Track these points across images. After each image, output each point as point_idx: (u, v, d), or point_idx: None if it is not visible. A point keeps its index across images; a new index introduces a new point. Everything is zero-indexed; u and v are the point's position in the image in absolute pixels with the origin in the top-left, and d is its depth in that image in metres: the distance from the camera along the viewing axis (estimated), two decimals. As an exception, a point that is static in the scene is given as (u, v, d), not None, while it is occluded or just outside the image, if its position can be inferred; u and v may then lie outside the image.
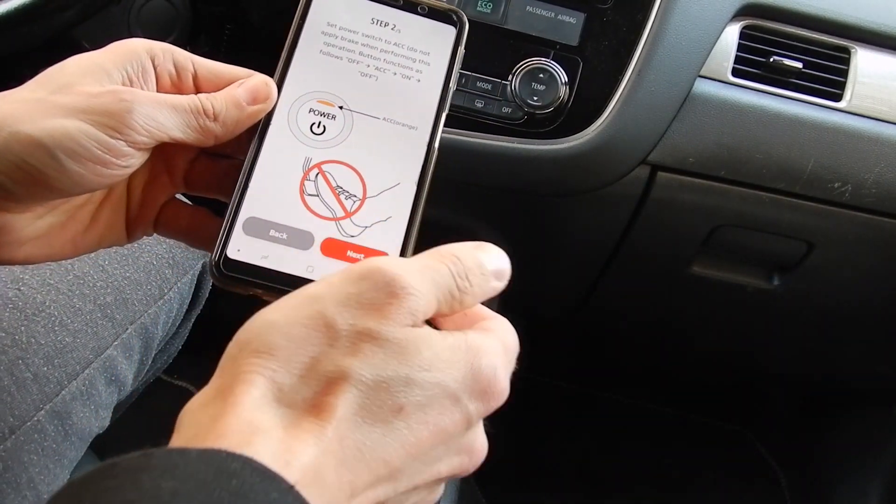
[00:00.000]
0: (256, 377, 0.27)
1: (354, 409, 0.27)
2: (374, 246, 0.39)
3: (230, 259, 0.37)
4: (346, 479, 0.27)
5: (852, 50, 0.77)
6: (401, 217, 0.40)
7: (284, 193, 0.39)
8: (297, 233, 0.38)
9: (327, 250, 0.38)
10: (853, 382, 1.21)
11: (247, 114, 0.38)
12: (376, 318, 0.28)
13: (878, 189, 0.78)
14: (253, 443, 0.26)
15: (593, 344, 1.33)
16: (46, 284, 0.53)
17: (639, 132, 0.74)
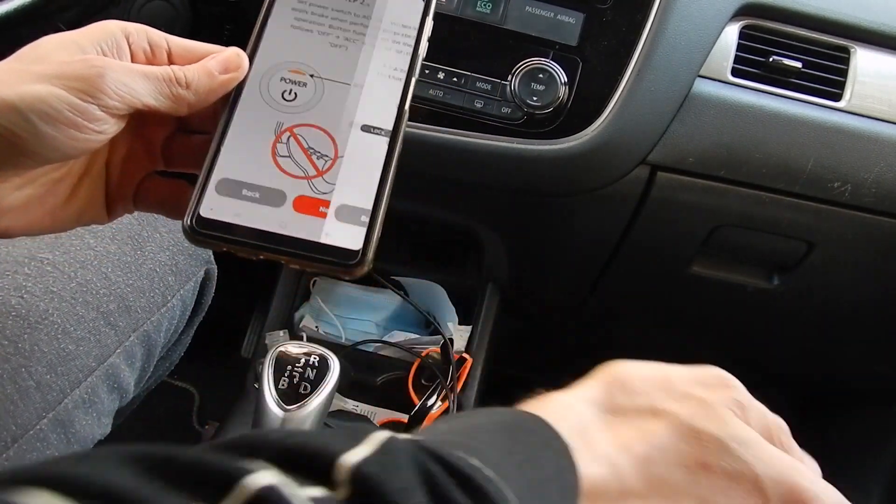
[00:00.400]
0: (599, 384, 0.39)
1: (669, 440, 0.32)
2: (347, 201, 0.40)
3: (203, 217, 0.38)
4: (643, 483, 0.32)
5: (852, 49, 0.77)
6: (374, 174, 0.42)
7: (256, 155, 0.40)
8: (269, 191, 0.39)
9: (299, 207, 0.39)
10: (853, 382, 1.21)
11: (218, 82, 0.40)
12: (708, 391, 0.34)
13: (877, 189, 0.78)
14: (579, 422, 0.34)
15: (594, 344, 1.33)
16: (49, 292, 0.53)
17: (638, 132, 0.74)
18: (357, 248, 0.39)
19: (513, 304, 0.99)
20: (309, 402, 0.54)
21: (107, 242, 0.58)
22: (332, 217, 0.39)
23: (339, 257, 0.39)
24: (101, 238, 0.58)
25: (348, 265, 0.39)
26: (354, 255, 0.39)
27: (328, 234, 0.39)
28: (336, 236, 0.39)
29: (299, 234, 0.39)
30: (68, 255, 0.55)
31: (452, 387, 0.82)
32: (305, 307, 0.97)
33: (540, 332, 1.27)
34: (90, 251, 0.57)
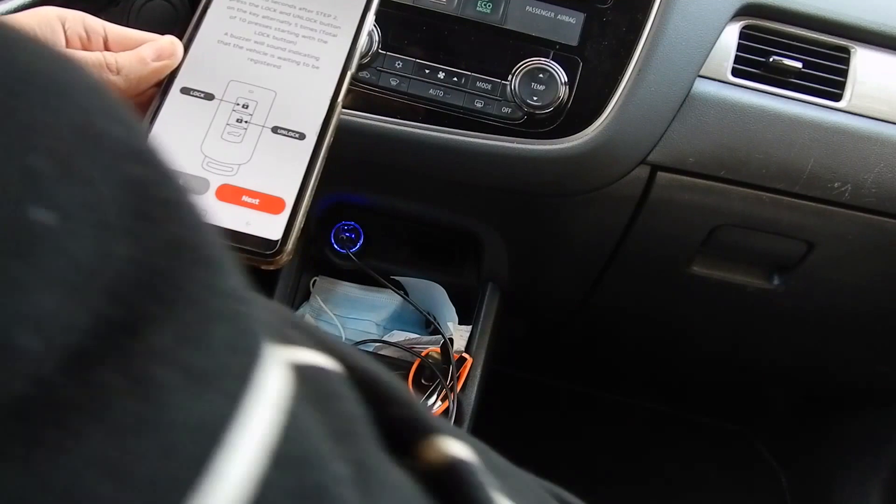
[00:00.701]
0: None
1: None
2: (269, 192, 0.40)
3: None
4: None
5: (852, 50, 0.77)
6: (299, 166, 0.41)
7: (184, 143, 0.40)
8: (193, 179, 0.40)
9: (222, 195, 0.40)
10: (853, 382, 1.21)
11: (150, 69, 0.40)
12: None
13: (877, 189, 0.78)
14: None
15: (593, 344, 1.33)
16: None
17: (638, 132, 0.74)
18: (276, 238, 0.39)
19: (513, 303, 0.99)
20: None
21: None
22: (255, 207, 0.40)
23: (259, 247, 0.39)
24: None
25: (267, 255, 0.39)
26: (273, 245, 0.39)
27: (249, 224, 0.40)
28: (257, 226, 0.40)
29: (220, 222, 0.39)
30: None
31: (452, 386, 0.82)
32: (305, 307, 0.96)
33: (540, 331, 1.27)
34: None
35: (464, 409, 0.83)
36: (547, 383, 1.42)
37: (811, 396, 1.36)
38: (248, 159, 0.41)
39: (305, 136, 0.42)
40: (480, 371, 0.87)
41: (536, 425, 1.36)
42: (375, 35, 0.73)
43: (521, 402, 1.38)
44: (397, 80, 0.74)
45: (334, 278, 0.99)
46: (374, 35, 0.73)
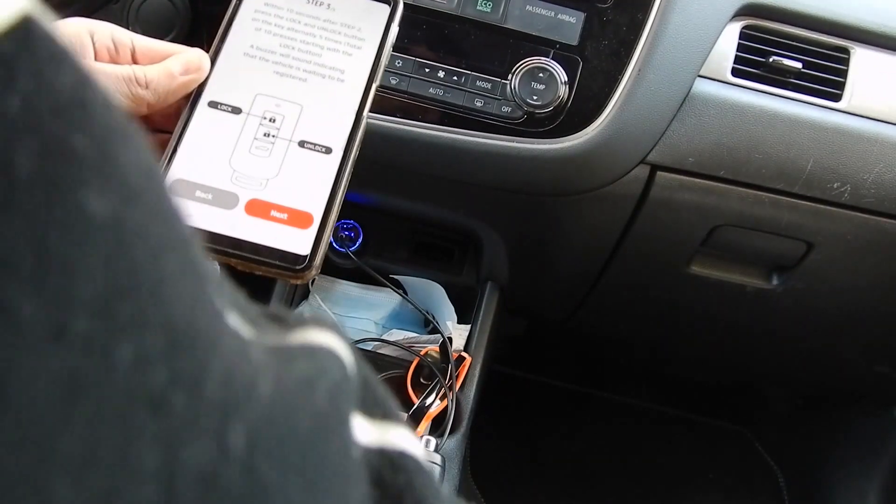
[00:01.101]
0: None
1: None
2: (298, 207, 0.40)
3: None
4: None
5: (851, 50, 0.77)
6: (326, 180, 0.41)
7: (211, 157, 0.40)
8: (223, 193, 0.40)
9: (251, 210, 0.40)
10: (851, 382, 1.21)
11: (178, 83, 0.40)
12: None
13: (877, 189, 0.78)
14: None
15: (593, 343, 1.33)
16: None
17: (638, 132, 0.74)
18: (305, 254, 0.39)
19: (512, 302, 0.99)
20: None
21: None
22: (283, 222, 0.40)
23: (287, 261, 0.39)
24: None
25: (296, 269, 0.39)
26: (303, 260, 0.39)
27: (278, 239, 0.40)
28: (285, 241, 0.40)
29: (250, 237, 0.39)
30: None
31: (451, 385, 0.82)
32: (304, 306, 0.97)
33: (539, 330, 1.27)
34: None
35: (462, 408, 0.83)
36: (546, 382, 1.42)
37: (809, 396, 1.36)
38: (276, 174, 0.41)
39: (332, 150, 0.42)
40: (479, 370, 0.87)
41: (535, 424, 1.36)
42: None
43: (520, 401, 1.39)
44: (397, 78, 0.74)
45: (333, 277, 0.99)
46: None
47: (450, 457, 0.77)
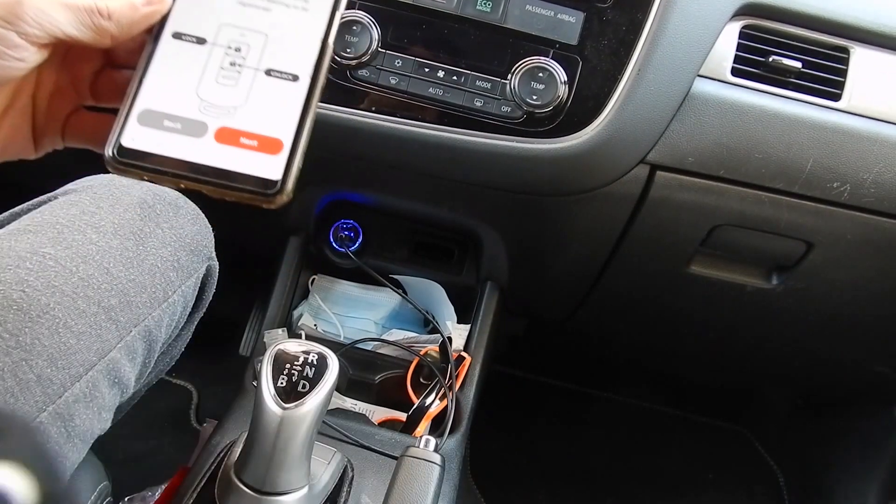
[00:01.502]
0: None
1: None
2: (267, 133, 0.41)
3: (125, 147, 0.40)
4: None
5: (851, 50, 0.77)
6: (294, 107, 0.42)
7: (179, 87, 0.41)
8: (191, 122, 0.41)
9: (221, 138, 0.41)
10: (851, 382, 1.21)
11: (141, 14, 0.41)
12: None
13: (876, 189, 0.78)
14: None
15: (592, 343, 1.33)
16: (51, 287, 0.53)
17: (638, 131, 0.74)
18: (277, 179, 0.40)
19: (512, 302, 0.99)
20: (307, 401, 0.54)
21: (109, 237, 0.58)
22: (253, 148, 0.41)
23: (259, 187, 0.40)
24: (103, 233, 0.58)
25: (268, 194, 0.40)
26: (274, 185, 0.40)
27: (249, 165, 0.41)
28: (256, 167, 0.41)
29: (221, 164, 0.40)
30: (70, 249, 0.55)
31: (451, 385, 0.82)
32: (304, 305, 0.97)
33: (539, 330, 1.27)
34: (92, 246, 0.57)
35: (462, 407, 0.83)
36: (546, 382, 1.42)
37: (809, 396, 1.36)
38: (244, 102, 0.42)
39: (299, 78, 0.43)
40: (479, 370, 0.87)
41: (535, 424, 1.36)
42: (375, 34, 0.73)
43: (519, 401, 1.39)
44: (397, 78, 0.74)
45: (333, 277, 0.99)
46: (373, 34, 0.73)
47: (450, 457, 0.77)
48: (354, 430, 0.76)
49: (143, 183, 0.63)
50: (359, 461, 0.71)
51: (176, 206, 0.64)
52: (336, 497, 0.65)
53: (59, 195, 0.62)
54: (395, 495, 0.59)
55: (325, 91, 0.43)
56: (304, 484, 0.58)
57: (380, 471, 0.71)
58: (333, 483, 0.65)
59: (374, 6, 0.74)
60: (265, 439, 0.54)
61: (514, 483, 1.24)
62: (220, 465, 0.63)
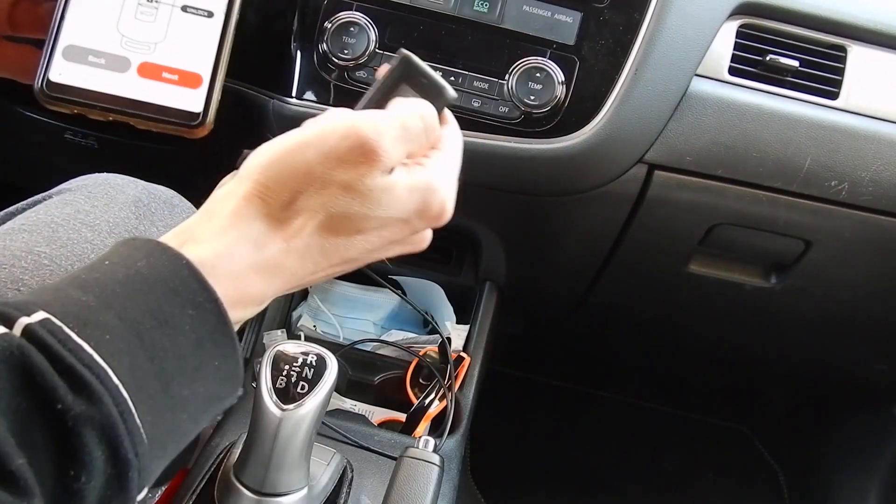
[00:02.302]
0: (256, 199, 0.37)
1: (320, 229, 0.37)
2: (187, 68, 0.44)
3: (52, 82, 0.43)
4: (308, 268, 0.38)
5: (848, 48, 0.77)
6: (211, 43, 0.45)
7: (100, 23, 0.44)
8: (114, 58, 0.44)
9: (143, 72, 0.44)
10: (851, 380, 1.21)
11: None
12: (349, 173, 0.37)
13: (874, 187, 0.78)
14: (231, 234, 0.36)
15: (591, 343, 1.33)
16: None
17: (636, 131, 0.74)
18: (198, 111, 0.44)
19: (510, 303, 0.99)
20: (307, 402, 0.54)
21: (104, 236, 0.58)
22: (175, 82, 0.44)
23: (182, 119, 0.44)
24: (98, 232, 0.58)
25: (191, 126, 0.44)
26: (196, 117, 0.44)
27: (171, 98, 0.44)
28: (179, 100, 0.44)
29: (145, 97, 0.44)
30: (65, 248, 0.55)
31: (450, 386, 0.82)
32: (303, 306, 0.97)
33: (538, 330, 1.27)
34: (87, 244, 0.57)
35: (462, 407, 0.83)
36: (545, 382, 1.42)
37: (809, 395, 1.36)
38: (163, 38, 0.44)
39: (214, 14, 0.46)
40: (478, 370, 0.87)
41: (535, 424, 1.36)
42: (373, 35, 0.73)
43: (519, 401, 1.39)
44: (394, 79, 0.74)
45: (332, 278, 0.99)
46: (371, 35, 0.73)
47: (449, 457, 0.77)
48: (354, 430, 0.76)
49: (137, 182, 0.64)
50: (358, 462, 0.71)
51: (171, 204, 0.64)
52: (335, 498, 0.65)
53: (53, 194, 0.61)
54: (395, 496, 0.59)
55: (239, 28, 0.46)
56: (303, 485, 0.58)
57: (379, 471, 0.71)
58: (333, 484, 0.64)
59: (371, 7, 0.74)
60: (264, 440, 0.54)
61: (514, 483, 1.24)
62: (219, 466, 0.63)
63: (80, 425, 0.28)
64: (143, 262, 0.34)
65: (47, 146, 0.96)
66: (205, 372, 0.34)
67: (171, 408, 0.32)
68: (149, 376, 0.31)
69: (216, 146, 0.58)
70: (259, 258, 0.36)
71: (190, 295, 0.33)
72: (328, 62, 0.74)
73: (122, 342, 0.31)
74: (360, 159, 0.36)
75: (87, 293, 0.32)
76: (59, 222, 0.56)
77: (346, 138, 0.36)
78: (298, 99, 0.75)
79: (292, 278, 0.38)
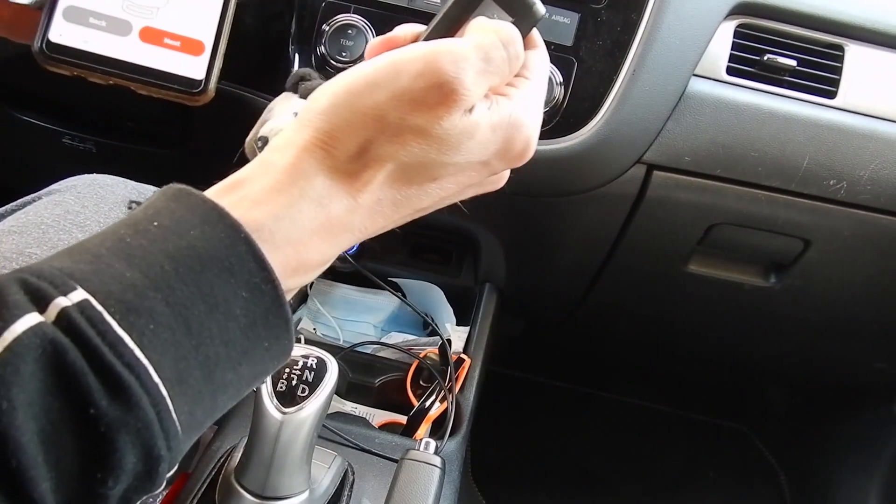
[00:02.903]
0: (318, 150, 0.33)
1: (392, 180, 0.34)
2: (189, 35, 0.44)
3: (52, 42, 0.42)
4: (378, 223, 0.35)
5: (845, 47, 0.78)
6: (213, 10, 0.45)
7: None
8: (116, 21, 0.43)
9: (145, 37, 0.43)
10: (851, 379, 1.21)
11: None
12: (425, 117, 0.33)
13: (872, 186, 0.78)
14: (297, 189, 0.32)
15: (591, 343, 1.33)
16: None
17: (634, 131, 0.74)
18: (200, 78, 0.44)
19: (510, 304, 0.99)
20: (307, 405, 0.54)
21: None
22: (177, 49, 0.44)
23: (184, 85, 0.44)
24: (88, 232, 0.58)
25: (192, 93, 0.44)
26: (198, 84, 0.44)
27: (173, 64, 0.44)
28: (180, 66, 0.44)
29: (146, 62, 0.43)
30: (55, 249, 0.55)
31: (451, 387, 0.82)
32: (303, 309, 0.96)
33: (538, 331, 1.27)
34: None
35: (462, 409, 0.83)
36: (545, 383, 1.42)
37: (809, 394, 1.36)
38: (165, 3, 0.44)
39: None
40: (479, 372, 0.87)
41: (535, 425, 1.36)
42: (370, 36, 0.73)
43: (519, 402, 1.38)
44: (393, 81, 0.74)
45: (332, 280, 0.99)
46: (368, 37, 0.73)
47: (450, 459, 0.77)
48: (354, 433, 0.76)
49: (127, 182, 0.63)
50: (359, 464, 0.71)
51: None
52: (337, 501, 0.64)
53: (42, 196, 0.61)
54: (396, 498, 0.58)
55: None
56: (304, 488, 0.58)
57: (380, 474, 0.70)
58: (334, 487, 0.64)
59: (369, 10, 0.74)
60: (265, 444, 0.54)
61: (515, 484, 1.24)
62: (220, 470, 0.63)
63: (114, 431, 0.26)
64: (196, 231, 0.30)
65: (45, 150, 0.96)
66: (253, 355, 0.31)
67: (211, 393, 0.30)
68: (192, 367, 0.29)
69: (215, 150, 0.57)
70: (323, 219, 0.33)
71: (246, 275, 0.30)
72: (326, 64, 0.74)
73: (167, 332, 0.28)
74: (440, 100, 0.32)
75: (132, 267, 0.29)
76: (50, 223, 0.56)
77: (421, 76, 0.32)
78: (297, 102, 0.75)
79: (360, 235, 0.35)
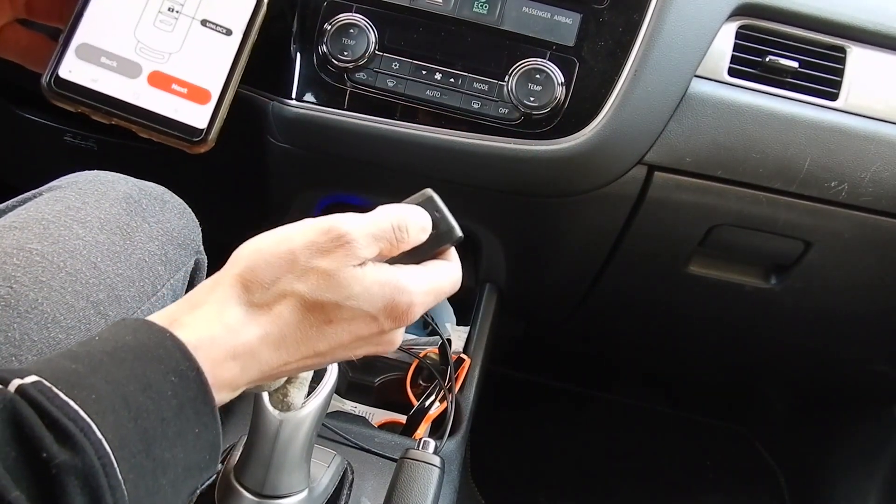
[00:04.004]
0: (238, 286, 0.40)
1: (296, 316, 0.40)
2: (197, 83, 0.44)
3: (61, 78, 0.42)
4: (281, 358, 0.40)
5: (848, 49, 0.77)
6: (225, 60, 0.45)
7: (118, 26, 0.43)
8: (127, 62, 0.43)
9: (154, 81, 0.43)
10: (851, 381, 1.21)
11: None
12: (327, 260, 0.40)
13: (874, 188, 0.78)
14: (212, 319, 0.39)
15: (591, 344, 1.33)
16: (39, 282, 0.53)
17: (635, 132, 0.74)
18: (202, 127, 0.44)
19: (510, 304, 0.99)
20: (307, 404, 0.54)
21: (95, 232, 0.58)
22: (183, 95, 0.43)
23: (185, 133, 0.43)
24: (89, 228, 0.58)
25: (192, 141, 0.44)
26: (199, 133, 0.44)
27: (177, 111, 0.43)
28: (184, 113, 0.43)
29: (151, 106, 0.43)
30: (57, 244, 0.55)
31: (450, 387, 0.82)
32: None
33: (538, 332, 1.27)
34: (79, 241, 0.56)
35: (462, 409, 0.83)
36: (545, 383, 1.42)
37: (809, 395, 1.36)
38: (178, 49, 0.44)
39: (232, 32, 0.45)
40: (478, 372, 0.87)
41: (535, 425, 1.36)
42: (372, 36, 0.73)
43: (519, 402, 1.39)
44: (394, 81, 0.74)
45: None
46: (370, 37, 0.73)
47: (449, 458, 0.77)
48: (354, 432, 0.76)
49: (128, 178, 0.64)
50: (359, 464, 0.71)
51: (162, 200, 0.64)
52: (336, 500, 0.65)
53: (43, 192, 0.61)
54: (395, 498, 0.59)
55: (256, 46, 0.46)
56: (303, 487, 0.58)
57: (380, 473, 0.71)
58: (333, 486, 0.64)
59: (370, 9, 0.74)
60: (264, 443, 0.54)
61: (515, 484, 1.24)
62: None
63: (64, 473, 0.30)
64: (129, 337, 0.36)
65: (47, 148, 0.96)
66: (185, 438, 0.36)
67: (152, 470, 0.34)
68: (131, 435, 0.33)
69: (215, 149, 0.58)
70: (236, 343, 0.38)
71: (173, 363, 0.36)
72: (328, 64, 0.74)
73: (106, 402, 0.33)
74: (337, 247, 0.40)
75: (77, 362, 0.35)
76: (51, 219, 0.56)
77: (327, 231, 0.40)
78: (298, 101, 0.75)
79: (265, 368, 0.40)
